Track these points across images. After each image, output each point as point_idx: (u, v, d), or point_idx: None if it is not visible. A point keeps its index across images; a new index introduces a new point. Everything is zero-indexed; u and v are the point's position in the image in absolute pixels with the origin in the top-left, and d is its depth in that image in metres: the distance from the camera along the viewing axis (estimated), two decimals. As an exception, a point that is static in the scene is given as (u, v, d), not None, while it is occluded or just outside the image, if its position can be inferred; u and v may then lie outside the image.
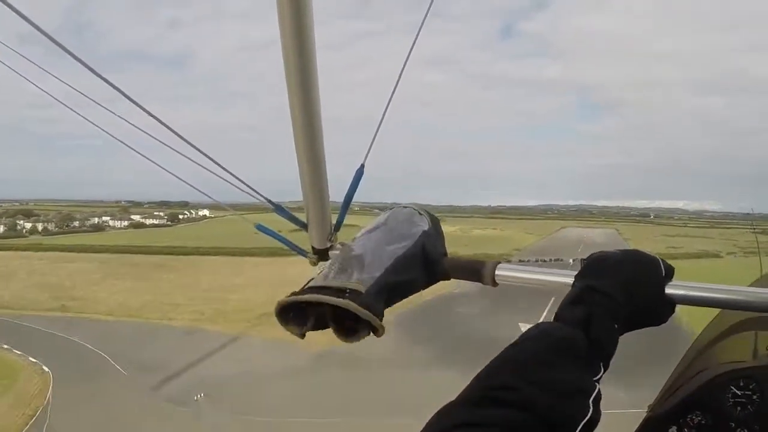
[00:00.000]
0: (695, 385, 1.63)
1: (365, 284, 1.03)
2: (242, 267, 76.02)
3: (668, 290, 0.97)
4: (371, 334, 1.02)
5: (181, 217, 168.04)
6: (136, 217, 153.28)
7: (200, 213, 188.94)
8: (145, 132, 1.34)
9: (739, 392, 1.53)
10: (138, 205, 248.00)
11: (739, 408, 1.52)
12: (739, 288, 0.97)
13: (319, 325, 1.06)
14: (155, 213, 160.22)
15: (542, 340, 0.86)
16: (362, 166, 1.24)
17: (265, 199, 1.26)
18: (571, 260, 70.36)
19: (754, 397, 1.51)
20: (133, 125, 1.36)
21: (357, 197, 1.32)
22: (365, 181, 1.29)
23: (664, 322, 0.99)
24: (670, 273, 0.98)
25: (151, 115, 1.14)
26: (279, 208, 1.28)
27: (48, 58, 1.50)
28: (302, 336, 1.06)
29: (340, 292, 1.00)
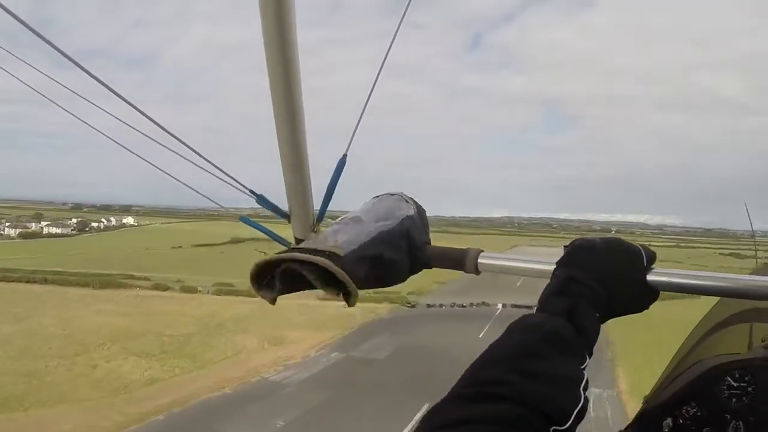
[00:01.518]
0: (690, 377, 1.67)
1: (344, 250, 1.02)
2: (109, 303, 54.77)
3: (650, 277, 0.99)
4: (344, 300, 1.00)
5: (95, 225, 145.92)
6: (44, 224, 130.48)
7: (123, 221, 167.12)
8: (125, 123, 1.34)
9: (734, 384, 1.56)
10: (78, 208, 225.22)
11: (734, 400, 1.55)
12: (721, 275, 1.00)
13: (289, 289, 1.04)
14: (64, 219, 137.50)
15: (531, 333, 0.87)
16: (344, 156, 1.24)
17: (248, 189, 1.25)
18: (499, 305, 60.11)
19: (749, 388, 1.54)
20: (115, 117, 1.36)
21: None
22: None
23: (646, 308, 1.02)
24: (651, 260, 1.00)
25: (132, 105, 1.13)
26: (261, 199, 1.26)
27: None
28: (273, 301, 1.06)
29: (319, 252, 0.99)
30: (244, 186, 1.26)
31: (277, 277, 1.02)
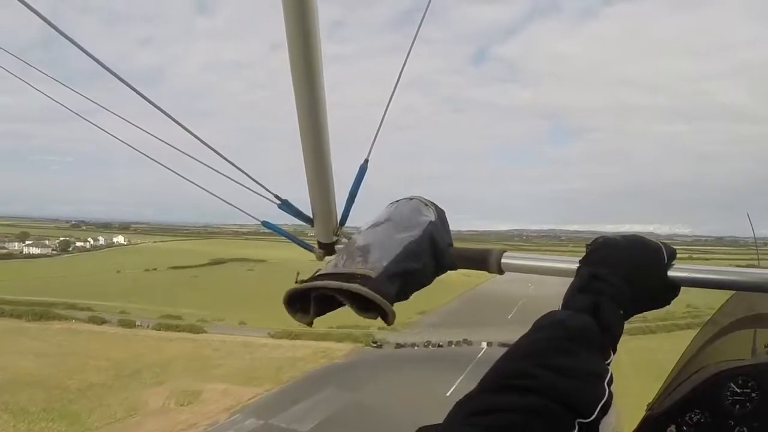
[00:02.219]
0: (694, 384, 1.67)
1: (375, 271, 1.04)
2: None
3: (671, 273, 1.01)
4: (382, 320, 1.02)
5: (81, 244, 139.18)
6: (28, 243, 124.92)
7: (114, 240, 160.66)
8: (160, 136, 1.41)
9: (738, 390, 1.56)
10: (77, 226, 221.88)
11: (737, 406, 1.55)
12: (740, 269, 1.01)
13: (323, 311, 1.07)
14: (45, 240, 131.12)
15: (557, 329, 0.89)
16: (366, 161, 1.28)
17: (273, 194, 1.29)
18: (484, 344, 50.79)
19: (753, 395, 1.54)
20: (143, 130, 1.42)
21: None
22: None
23: (668, 304, 1.04)
24: (672, 256, 1.02)
25: (173, 119, 1.17)
26: (286, 204, 1.30)
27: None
28: (310, 324, 1.08)
29: (350, 277, 1.01)
30: (269, 191, 1.29)
31: (312, 303, 1.04)
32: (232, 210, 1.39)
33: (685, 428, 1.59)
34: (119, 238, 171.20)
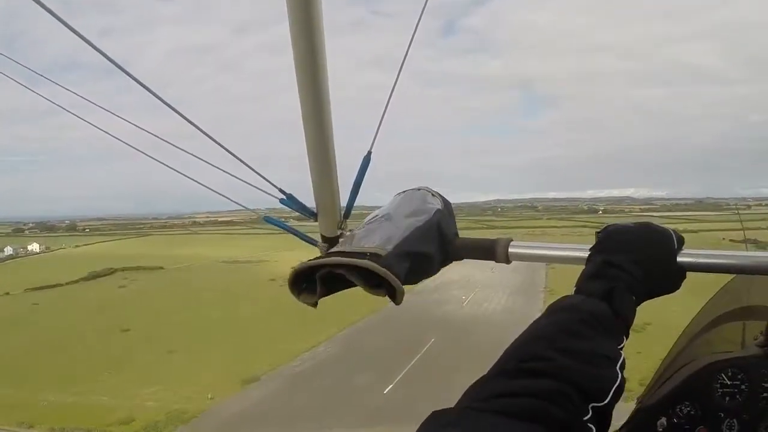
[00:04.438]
0: (684, 376, 1.70)
1: (386, 249, 1.03)
2: None
3: (680, 259, 1.02)
4: (390, 299, 1.01)
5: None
6: None
7: (29, 247, 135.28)
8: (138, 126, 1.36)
9: (728, 382, 1.59)
10: (20, 231, 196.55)
11: (727, 398, 1.58)
12: (747, 253, 1.04)
13: (329, 291, 1.06)
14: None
15: (571, 313, 0.91)
16: (369, 153, 1.26)
17: (277, 188, 1.26)
18: None
19: (743, 386, 1.57)
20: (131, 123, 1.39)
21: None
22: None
23: (677, 289, 1.05)
24: (681, 242, 1.04)
25: (175, 110, 1.12)
26: (289, 198, 1.27)
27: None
28: (315, 305, 1.06)
29: (360, 255, 1.00)
30: (272, 183, 1.26)
31: (318, 281, 1.02)
32: (215, 198, 1.34)
33: (675, 420, 1.61)
34: (34, 246, 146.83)
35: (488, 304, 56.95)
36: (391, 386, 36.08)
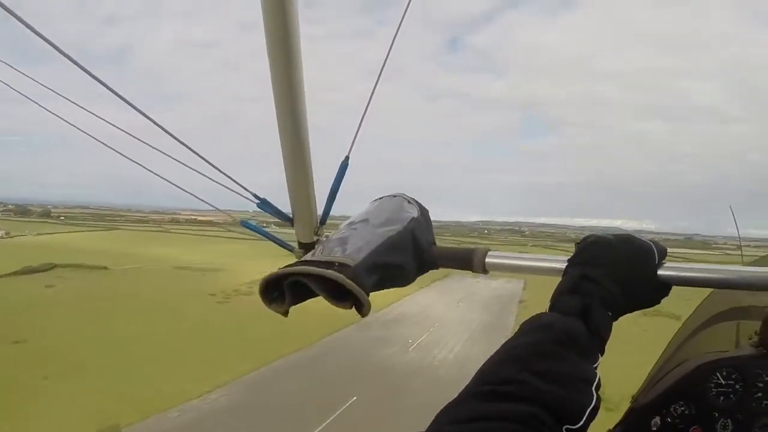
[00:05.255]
0: (678, 376, 1.70)
1: (354, 260, 1.02)
2: None
3: (661, 272, 1.00)
4: (357, 311, 1.00)
5: None
6: None
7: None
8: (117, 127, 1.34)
9: (722, 382, 1.59)
10: None
11: (722, 398, 1.58)
12: (730, 267, 1.02)
13: (300, 300, 1.04)
14: None
15: (546, 333, 0.88)
16: (347, 158, 1.26)
17: (251, 193, 1.26)
18: None
19: (737, 386, 1.57)
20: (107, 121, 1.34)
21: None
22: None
23: (658, 303, 1.04)
24: (663, 254, 1.02)
25: (137, 109, 1.12)
26: (264, 203, 1.26)
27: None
28: (286, 314, 1.05)
29: (328, 265, 0.99)
30: (247, 189, 1.26)
31: (287, 290, 1.01)
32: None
33: (669, 420, 1.61)
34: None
35: (440, 350, 44.16)
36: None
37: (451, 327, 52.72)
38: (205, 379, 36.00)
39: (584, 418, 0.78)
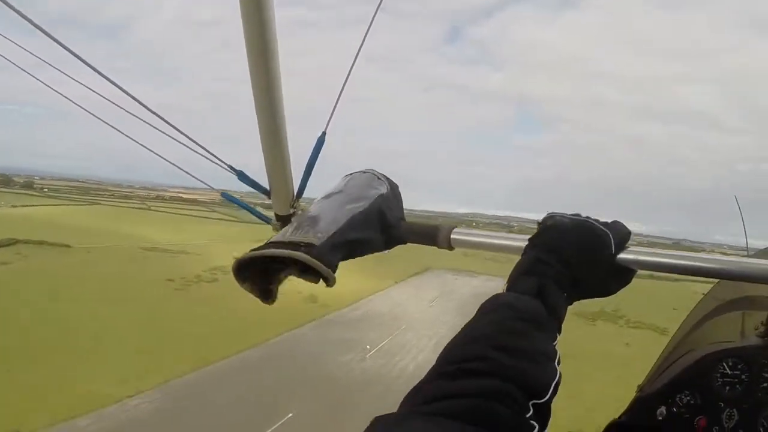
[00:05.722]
0: (684, 365, 1.69)
1: (320, 239, 1.06)
2: None
3: (622, 256, 1.00)
4: (325, 284, 1.05)
5: None
6: None
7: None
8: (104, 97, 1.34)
9: (728, 372, 1.59)
10: None
11: (727, 387, 1.58)
12: (695, 254, 1.00)
13: (272, 279, 1.09)
14: None
15: (507, 311, 0.90)
16: (323, 133, 1.28)
17: (228, 165, 1.28)
18: None
19: (743, 376, 1.57)
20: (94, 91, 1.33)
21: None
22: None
23: (615, 292, 1.04)
24: (624, 240, 1.02)
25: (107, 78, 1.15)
26: (241, 175, 1.28)
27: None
28: (261, 294, 1.10)
29: (296, 245, 1.04)
30: (223, 162, 1.27)
31: (257, 271, 1.07)
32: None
33: (675, 409, 1.61)
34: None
35: (401, 358, 41.65)
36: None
37: (419, 330, 50.24)
38: (133, 379, 32.55)
39: (549, 393, 0.77)
